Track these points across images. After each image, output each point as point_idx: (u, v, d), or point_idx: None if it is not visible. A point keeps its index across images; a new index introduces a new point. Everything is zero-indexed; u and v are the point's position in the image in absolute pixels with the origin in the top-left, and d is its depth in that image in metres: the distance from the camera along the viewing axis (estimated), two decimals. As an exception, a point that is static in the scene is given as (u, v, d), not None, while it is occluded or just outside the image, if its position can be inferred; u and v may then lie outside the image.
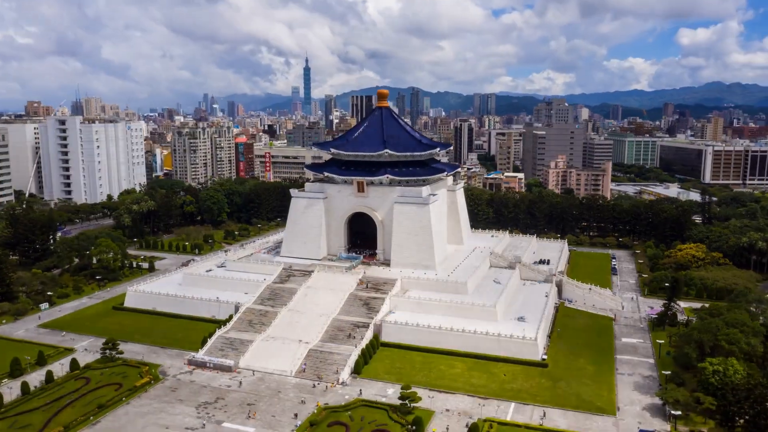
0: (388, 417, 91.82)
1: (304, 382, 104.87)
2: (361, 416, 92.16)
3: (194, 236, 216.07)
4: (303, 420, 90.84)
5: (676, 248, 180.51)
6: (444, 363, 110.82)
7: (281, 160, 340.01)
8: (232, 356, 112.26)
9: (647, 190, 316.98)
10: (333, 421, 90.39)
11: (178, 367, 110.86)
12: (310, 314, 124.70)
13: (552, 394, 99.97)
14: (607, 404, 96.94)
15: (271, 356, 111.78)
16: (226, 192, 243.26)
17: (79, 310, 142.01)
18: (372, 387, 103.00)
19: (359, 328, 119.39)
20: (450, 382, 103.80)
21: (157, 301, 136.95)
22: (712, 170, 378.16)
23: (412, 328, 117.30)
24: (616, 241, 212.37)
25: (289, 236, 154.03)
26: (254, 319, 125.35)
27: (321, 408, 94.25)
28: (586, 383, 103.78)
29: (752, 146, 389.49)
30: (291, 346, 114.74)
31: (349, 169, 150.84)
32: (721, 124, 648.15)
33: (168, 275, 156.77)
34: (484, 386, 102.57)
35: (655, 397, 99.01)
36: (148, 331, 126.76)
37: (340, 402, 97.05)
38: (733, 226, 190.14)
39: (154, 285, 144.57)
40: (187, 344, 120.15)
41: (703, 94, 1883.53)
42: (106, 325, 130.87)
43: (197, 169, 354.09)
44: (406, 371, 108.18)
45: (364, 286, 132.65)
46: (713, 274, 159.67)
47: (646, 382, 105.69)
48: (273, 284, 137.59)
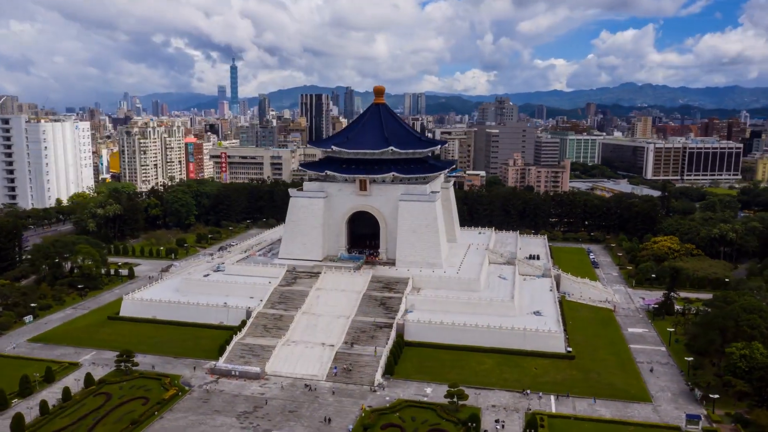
0: (437, 416, 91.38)
1: (337, 385, 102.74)
2: (411, 416, 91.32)
3: (164, 240, 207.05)
4: (355, 423, 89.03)
5: (651, 241, 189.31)
6: (472, 360, 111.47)
7: (238, 160, 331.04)
8: (255, 363, 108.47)
9: (599, 186, 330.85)
10: (386, 423, 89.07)
11: (200, 376, 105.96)
12: (327, 316, 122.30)
13: (586, 384, 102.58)
14: (640, 392, 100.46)
15: (297, 361, 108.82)
16: (194, 194, 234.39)
17: (68, 321, 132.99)
18: (408, 387, 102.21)
19: (382, 329, 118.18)
20: (484, 378, 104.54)
21: (157, 308, 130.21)
22: (654, 166, 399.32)
23: (435, 326, 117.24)
24: (588, 235, 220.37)
25: (288, 237, 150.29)
26: (269, 324, 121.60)
27: (368, 411, 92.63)
28: (614, 373, 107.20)
29: (689, 144, 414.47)
30: (315, 349, 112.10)
31: (350, 167, 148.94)
32: (650, 124, 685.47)
33: (161, 281, 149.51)
34: (518, 380, 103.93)
35: (680, 383, 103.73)
36: (154, 341, 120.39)
37: (382, 404, 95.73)
38: (699, 219, 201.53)
39: (151, 292, 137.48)
40: (201, 353, 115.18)
41: (618, 94, 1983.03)
42: (105, 336, 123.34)
43: (148, 170, 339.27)
44: (437, 370, 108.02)
45: (378, 288, 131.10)
46: (691, 265, 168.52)
47: (665, 369, 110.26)
48: (280, 287, 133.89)
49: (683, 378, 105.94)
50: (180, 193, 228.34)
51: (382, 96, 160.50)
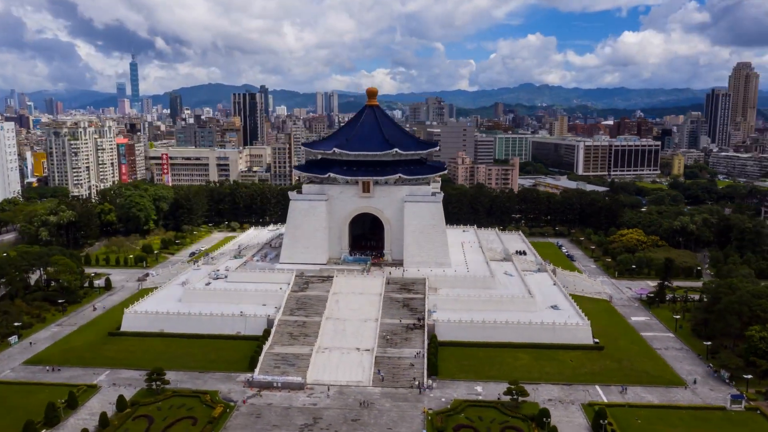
0: (502, 414, 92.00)
1: (387, 390, 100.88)
2: (477, 416, 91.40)
3: (126, 248, 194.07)
4: (426, 427, 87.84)
5: (619, 234, 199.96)
6: (507, 356, 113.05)
7: (181, 162, 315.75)
8: (293, 372, 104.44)
9: (542, 183, 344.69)
10: (457, 425, 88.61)
11: (238, 390, 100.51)
12: (353, 321, 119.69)
13: (622, 373, 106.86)
14: (672, 377, 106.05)
15: (337, 368, 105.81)
16: (152, 198, 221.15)
17: (61, 340, 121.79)
18: (458, 387, 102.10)
19: (413, 330, 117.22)
20: (526, 374, 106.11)
21: (165, 321, 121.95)
22: (584, 163, 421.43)
23: (466, 324, 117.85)
24: (553, 230, 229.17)
25: (289, 241, 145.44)
26: (294, 332, 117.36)
27: (434, 413, 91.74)
28: (642, 360, 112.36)
29: (615, 142, 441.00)
30: (352, 355, 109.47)
31: (351, 169, 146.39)
32: (566, 122, 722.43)
33: (158, 291, 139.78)
34: (559, 373, 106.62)
35: (701, 366, 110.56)
36: (171, 357, 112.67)
37: (441, 406, 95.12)
38: (655, 212, 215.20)
39: (152, 305, 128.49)
40: (227, 365, 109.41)
41: (518, 94, 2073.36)
42: (113, 354, 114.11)
43: (80, 173, 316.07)
44: (478, 368, 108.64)
45: (395, 289, 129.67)
46: (661, 255, 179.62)
47: (682, 354, 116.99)
48: (294, 293, 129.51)
49: (702, 361, 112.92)
50: (137, 197, 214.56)
51: (375, 98, 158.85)
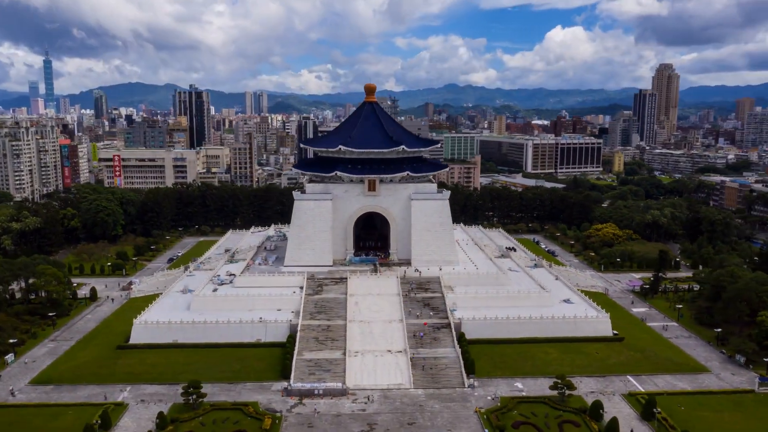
0: (554, 409, 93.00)
1: (430, 391, 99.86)
2: (531, 412, 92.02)
3: (98, 255, 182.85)
4: (486, 427, 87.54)
5: (594, 228, 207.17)
6: (537, 351, 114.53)
7: (135, 163, 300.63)
8: (329, 378, 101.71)
9: (500, 180, 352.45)
10: (517, 422, 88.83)
11: (278, 400, 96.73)
12: (377, 322, 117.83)
13: (649, 362, 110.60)
14: (694, 364, 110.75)
15: (374, 371, 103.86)
16: (119, 201, 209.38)
17: (63, 357, 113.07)
18: (498, 384, 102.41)
19: (440, 329, 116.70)
20: (560, 367, 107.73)
21: (178, 331, 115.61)
22: (532, 161, 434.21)
23: (491, 322, 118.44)
24: (527, 226, 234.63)
25: (294, 243, 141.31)
26: (320, 336, 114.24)
27: (487, 412, 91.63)
28: (661, 349, 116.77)
29: (560, 140, 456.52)
30: (386, 357, 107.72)
31: (356, 167, 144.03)
32: (504, 122, 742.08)
33: (160, 300, 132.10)
34: (589, 365, 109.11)
35: (714, 351, 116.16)
36: (193, 368, 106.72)
37: (491, 404, 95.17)
38: (623, 206, 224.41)
39: (162, 314, 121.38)
40: (256, 374, 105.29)
41: (444, 94, 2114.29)
42: (128, 368, 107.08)
43: (22, 177, 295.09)
44: (511, 364, 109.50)
45: (411, 289, 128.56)
46: (639, 248, 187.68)
47: (691, 341, 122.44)
48: (309, 296, 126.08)
49: (713, 348, 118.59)
50: (104, 202, 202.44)
51: (374, 94, 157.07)
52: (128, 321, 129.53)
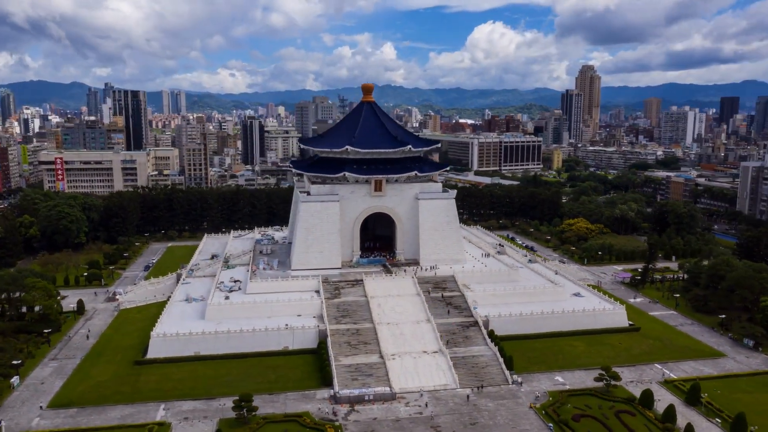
0: (604, 400, 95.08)
1: (467, 391, 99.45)
2: (585, 404, 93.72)
3: (67, 265, 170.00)
4: (549, 423, 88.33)
5: (566, 223, 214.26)
6: (563, 344, 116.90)
7: (79, 166, 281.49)
8: (374, 383, 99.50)
9: (454, 179, 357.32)
10: (576, 415, 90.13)
11: (329, 409, 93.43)
12: (405, 324, 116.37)
13: (669, 350, 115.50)
14: (710, 349, 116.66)
15: (417, 373, 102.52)
16: (81, 207, 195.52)
17: (73, 377, 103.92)
18: (540, 379, 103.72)
19: (469, 328, 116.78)
20: (591, 359, 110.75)
21: (200, 343, 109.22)
22: (478, 159, 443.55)
23: (516, 318, 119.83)
24: (498, 223, 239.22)
25: (301, 246, 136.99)
26: (352, 340, 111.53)
27: (543, 406, 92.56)
28: (675, 337, 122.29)
29: (504, 138, 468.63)
30: (424, 359, 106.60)
31: (362, 167, 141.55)
32: (439, 121, 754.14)
33: (168, 310, 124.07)
34: (617, 356, 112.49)
35: (720, 337, 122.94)
36: (225, 381, 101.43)
37: (539, 399, 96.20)
38: (588, 201, 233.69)
39: (179, 326, 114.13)
40: (294, 383, 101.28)
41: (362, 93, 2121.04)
42: (154, 385, 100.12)
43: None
44: (544, 358, 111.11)
45: (436, 294, 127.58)
46: (615, 241, 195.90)
47: (696, 328, 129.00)
48: (329, 300, 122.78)
49: (718, 333, 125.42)
50: (66, 208, 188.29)
51: (371, 94, 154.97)
52: (130, 334, 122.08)
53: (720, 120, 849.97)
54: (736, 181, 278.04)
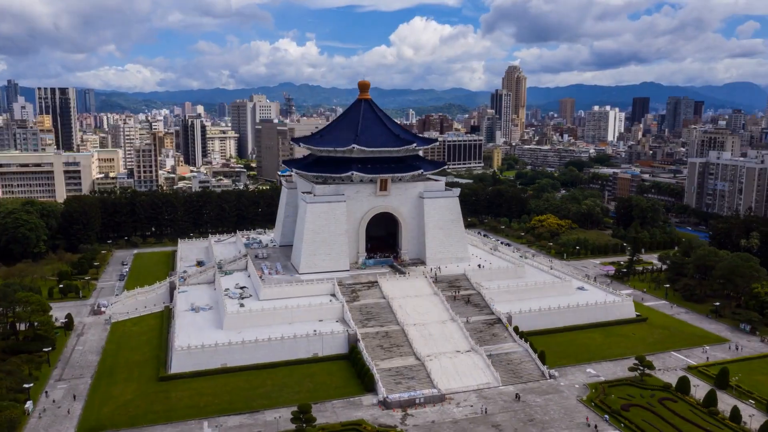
0: (641, 388, 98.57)
1: (519, 386, 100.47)
2: (627, 394, 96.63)
3: (30, 278, 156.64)
4: (604, 414, 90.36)
5: (537, 219, 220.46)
6: (582, 337, 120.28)
7: (16, 170, 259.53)
8: (417, 385, 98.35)
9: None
10: (626, 404, 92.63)
11: (381, 414, 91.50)
12: (431, 324, 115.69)
13: (679, 338, 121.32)
14: (713, 335, 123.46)
15: (457, 373, 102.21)
16: (39, 213, 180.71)
17: (92, 398, 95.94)
18: (573, 372, 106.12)
19: (493, 325, 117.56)
20: (612, 350, 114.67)
21: (226, 354, 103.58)
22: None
23: (536, 313, 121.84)
24: (466, 220, 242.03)
25: (309, 249, 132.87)
26: (383, 344, 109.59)
27: (588, 398, 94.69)
28: (679, 325, 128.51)
29: (447, 137, 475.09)
30: (460, 358, 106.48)
31: (366, 166, 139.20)
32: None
33: (178, 322, 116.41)
34: (634, 346, 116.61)
35: (716, 323, 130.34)
36: (263, 392, 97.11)
37: (581, 392, 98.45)
38: (550, 198, 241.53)
39: (197, 338, 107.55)
40: (335, 391, 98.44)
41: (280, 93, 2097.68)
42: (190, 400, 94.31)
43: None
44: (569, 351, 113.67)
45: (454, 293, 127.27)
46: (585, 236, 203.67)
47: (690, 316, 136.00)
48: (350, 304, 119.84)
49: (712, 320, 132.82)
50: (24, 215, 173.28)
51: (368, 91, 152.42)
52: (137, 349, 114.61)
53: (633, 119, 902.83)
54: (677, 176, 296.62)
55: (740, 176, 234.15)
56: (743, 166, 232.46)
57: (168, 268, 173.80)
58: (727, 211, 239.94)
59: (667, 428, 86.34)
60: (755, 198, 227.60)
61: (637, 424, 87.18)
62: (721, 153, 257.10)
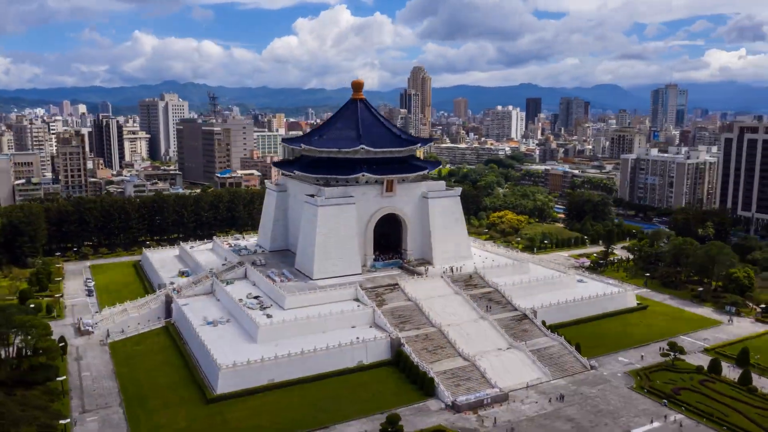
0: (676, 372, 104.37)
1: (568, 379, 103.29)
2: (669, 378, 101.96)
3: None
4: (663, 400, 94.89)
5: (495, 216, 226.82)
6: (600, 327, 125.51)
7: None
8: (476, 385, 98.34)
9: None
10: (676, 388, 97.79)
11: (454, 419, 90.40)
12: (464, 324, 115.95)
13: (681, 323, 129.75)
14: (707, 318, 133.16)
15: (508, 371, 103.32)
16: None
17: (136, 429, 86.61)
18: (609, 361, 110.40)
19: (521, 321, 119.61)
20: (632, 338, 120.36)
21: (273, 369, 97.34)
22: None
23: (555, 307, 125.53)
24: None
25: (321, 254, 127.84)
26: (428, 346, 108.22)
27: (637, 386, 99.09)
28: (674, 311, 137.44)
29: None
30: (506, 355, 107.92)
31: (372, 167, 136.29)
32: (283, 119, 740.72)
33: (204, 339, 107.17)
34: (648, 333, 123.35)
35: (699, 306, 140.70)
36: (321, 407, 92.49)
37: (625, 381, 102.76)
38: (502, 195, 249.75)
39: (236, 354, 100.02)
40: (396, 398, 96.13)
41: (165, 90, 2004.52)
42: (251, 421, 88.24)
43: None
44: (596, 341, 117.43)
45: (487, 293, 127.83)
46: (546, 230, 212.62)
47: (675, 302, 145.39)
48: (381, 308, 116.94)
49: (695, 304, 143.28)
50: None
51: (361, 91, 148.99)
52: (158, 369, 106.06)
53: (527, 118, 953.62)
54: (602, 172, 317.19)
55: (670, 171, 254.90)
56: (673, 162, 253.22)
57: (137, 280, 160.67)
58: (657, 204, 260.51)
59: (723, 408, 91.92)
60: (685, 191, 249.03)
61: (695, 406, 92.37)
62: (650, 150, 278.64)
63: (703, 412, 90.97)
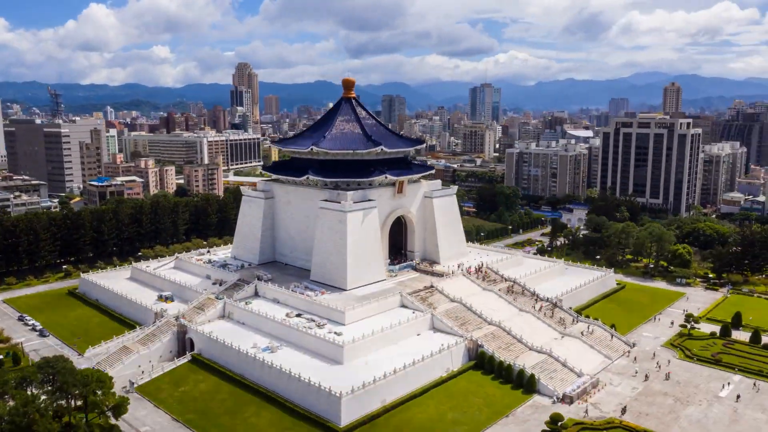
0: (701, 340, 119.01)
1: (625, 358, 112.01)
2: (700, 346, 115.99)
3: None
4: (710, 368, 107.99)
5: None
6: (607, 308, 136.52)
7: None
8: (568, 376, 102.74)
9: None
10: (714, 353, 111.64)
11: (572, 411, 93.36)
12: (512, 318, 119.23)
13: (657, 297, 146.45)
14: (674, 291, 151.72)
15: (580, 359, 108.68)
16: None
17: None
18: (634, 337, 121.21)
19: (555, 309, 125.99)
20: (636, 314, 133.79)
21: (384, 390, 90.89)
22: (209, 157, 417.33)
23: (569, 294, 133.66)
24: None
25: (352, 261, 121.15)
26: (500, 345, 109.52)
27: (682, 356, 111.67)
28: (643, 286, 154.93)
29: (230, 136, 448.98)
30: (567, 344, 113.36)
31: (385, 169, 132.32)
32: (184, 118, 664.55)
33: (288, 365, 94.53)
34: (643, 309, 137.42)
35: (652, 281, 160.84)
36: (447, 420, 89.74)
37: (671, 352, 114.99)
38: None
39: (350, 380, 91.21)
40: (505, 400, 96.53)
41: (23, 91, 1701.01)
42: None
43: None
44: (613, 320, 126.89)
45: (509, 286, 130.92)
46: (472, 223, 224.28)
47: (633, 279, 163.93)
48: (436, 312, 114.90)
49: (647, 279, 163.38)
50: None
51: (353, 89, 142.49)
52: (229, 414, 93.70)
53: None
54: (477, 165, 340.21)
55: (552, 163, 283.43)
56: (555, 154, 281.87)
57: (96, 312, 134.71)
58: (541, 192, 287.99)
59: (760, 365, 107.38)
60: (568, 180, 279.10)
61: (745, 367, 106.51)
62: (530, 144, 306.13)
63: (753, 370, 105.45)
